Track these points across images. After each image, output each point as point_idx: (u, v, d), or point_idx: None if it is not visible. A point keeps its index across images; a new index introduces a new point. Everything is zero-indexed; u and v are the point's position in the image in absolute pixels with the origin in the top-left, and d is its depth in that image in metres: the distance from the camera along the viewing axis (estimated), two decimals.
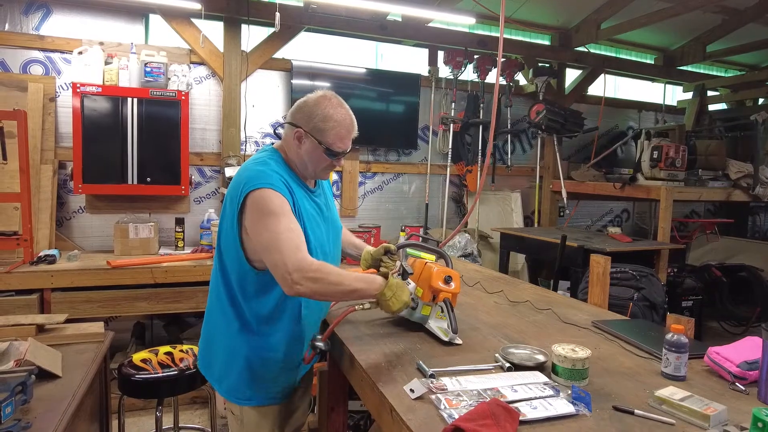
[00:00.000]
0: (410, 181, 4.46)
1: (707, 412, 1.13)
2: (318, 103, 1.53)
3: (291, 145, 1.55)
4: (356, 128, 1.59)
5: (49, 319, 2.01)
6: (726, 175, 4.45)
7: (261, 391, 1.55)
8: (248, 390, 1.53)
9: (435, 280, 1.63)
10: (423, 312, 1.68)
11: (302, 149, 1.53)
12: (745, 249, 5.14)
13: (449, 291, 1.63)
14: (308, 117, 1.51)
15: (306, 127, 1.51)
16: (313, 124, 1.51)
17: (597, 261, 2.35)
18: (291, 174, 1.55)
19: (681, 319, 1.72)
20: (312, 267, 1.36)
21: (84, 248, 3.48)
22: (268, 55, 3.81)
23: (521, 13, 4.34)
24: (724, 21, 4.62)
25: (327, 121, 1.51)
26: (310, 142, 1.52)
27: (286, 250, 1.35)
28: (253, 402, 1.55)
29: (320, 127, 1.50)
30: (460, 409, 1.16)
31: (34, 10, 3.36)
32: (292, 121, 1.54)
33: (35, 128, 3.22)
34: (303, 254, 1.38)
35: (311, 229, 1.52)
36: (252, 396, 1.54)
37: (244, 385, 1.53)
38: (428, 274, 1.66)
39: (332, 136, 1.52)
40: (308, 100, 1.55)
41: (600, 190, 4.44)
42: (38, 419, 1.39)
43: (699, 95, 5.58)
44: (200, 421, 3.03)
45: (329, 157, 1.54)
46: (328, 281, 1.38)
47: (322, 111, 1.51)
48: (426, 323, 1.69)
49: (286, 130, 1.57)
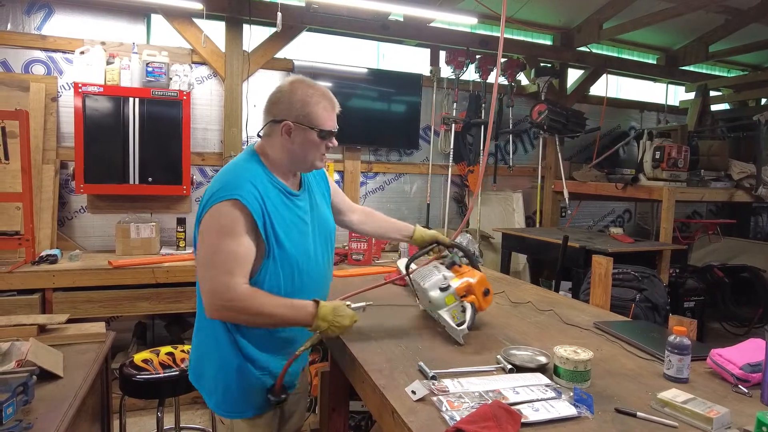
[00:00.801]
0: (412, 182, 4.46)
1: (710, 414, 1.12)
2: (293, 89, 1.47)
3: (276, 144, 1.48)
4: (337, 102, 1.53)
5: (51, 319, 2.01)
6: (728, 175, 4.44)
7: (249, 403, 1.49)
8: (237, 404, 1.48)
9: (479, 285, 1.66)
10: (447, 300, 1.65)
11: (294, 142, 1.46)
12: (747, 250, 5.12)
13: (480, 301, 1.66)
14: (289, 106, 1.45)
15: (291, 117, 1.45)
16: (297, 111, 1.44)
17: (599, 262, 2.35)
18: (271, 178, 1.47)
19: (683, 321, 1.71)
20: (235, 295, 1.33)
21: (85, 248, 3.48)
22: (270, 55, 3.81)
23: (523, 13, 4.33)
24: (727, 21, 4.61)
25: (309, 102, 1.45)
26: (300, 130, 1.45)
27: (216, 272, 1.33)
28: (242, 415, 1.49)
29: (305, 111, 1.44)
30: (461, 410, 1.15)
31: (36, 9, 3.36)
32: (274, 117, 1.47)
33: (37, 128, 3.22)
34: (234, 279, 1.33)
35: (288, 238, 1.44)
36: (243, 409, 1.49)
37: (232, 398, 1.48)
38: (477, 277, 1.69)
39: (321, 115, 1.46)
40: (282, 90, 1.48)
41: (602, 190, 4.43)
42: (40, 420, 1.38)
43: (701, 95, 5.56)
44: (201, 422, 3.03)
45: (323, 139, 1.48)
46: (247, 311, 1.35)
47: (301, 95, 1.45)
48: (440, 309, 1.65)
49: (269, 129, 1.49)
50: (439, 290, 1.65)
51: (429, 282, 1.69)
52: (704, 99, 5.59)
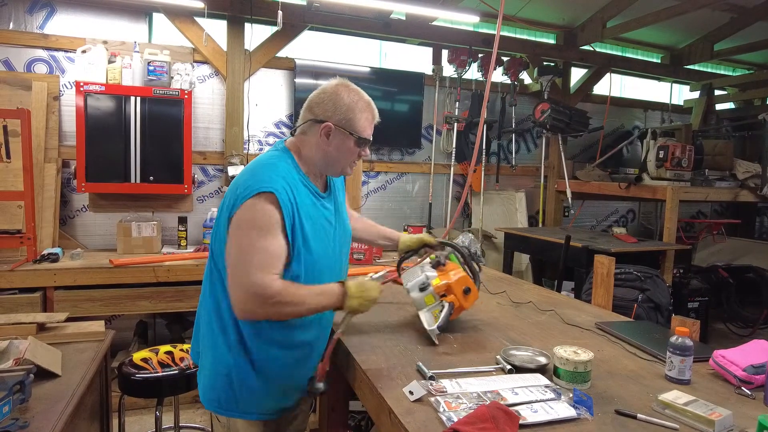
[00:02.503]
0: (414, 181, 4.45)
1: (712, 417, 1.11)
2: (338, 92, 1.44)
3: (312, 144, 1.46)
4: (377, 113, 1.53)
5: (50, 317, 2.01)
6: (733, 175, 4.41)
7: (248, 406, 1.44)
8: (233, 403, 1.43)
9: (458, 285, 1.66)
10: (426, 300, 1.67)
11: (331, 145, 1.44)
12: (752, 250, 5.08)
13: (460, 301, 1.65)
14: (333, 109, 1.43)
15: (333, 120, 1.42)
16: (340, 115, 1.43)
17: (601, 262, 2.33)
18: (302, 177, 1.45)
19: (686, 322, 1.69)
20: (273, 292, 1.29)
21: (87, 247, 3.49)
22: (272, 53, 3.80)
23: (526, 11, 4.31)
24: (732, 19, 4.58)
25: (354, 109, 1.44)
26: (340, 134, 1.43)
27: (253, 269, 1.29)
28: (240, 415, 1.45)
29: (348, 116, 1.43)
30: (459, 411, 1.14)
31: (39, 8, 3.36)
32: (316, 117, 1.44)
33: (39, 127, 3.23)
34: (270, 276, 1.30)
35: (316, 238, 1.42)
36: (245, 410, 1.44)
37: (228, 397, 1.43)
38: (458, 276, 1.68)
39: (362, 123, 1.46)
40: (326, 91, 1.46)
41: (605, 190, 4.40)
42: (36, 418, 1.38)
43: (706, 94, 5.53)
44: (201, 421, 3.03)
45: (359, 147, 1.48)
46: (286, 305, 1.32)
47: (347, 100, 1.44)
48: (420, 310, 1.68)
49: (307, 128, 1.46)
50: (418, 290, 1.67)
51: (411, 283, 1.71)
52: (709, 98, 5.55)
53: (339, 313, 1.48)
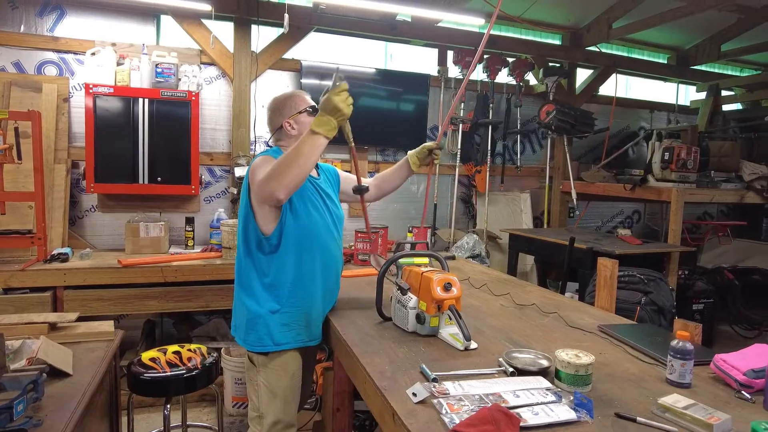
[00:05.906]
0: (419, 182, 4.46)
1: (710, 421, 1.12)
2: (273, 103, 1.98)
3: (290, 138, 1.92)
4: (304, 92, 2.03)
5: (62, 317, 2.05)
6: (739, 176, 4.39)
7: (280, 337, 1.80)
8: (268, 337, 1.79)
9: (435, 291, 1.61)
10: (432, 324, 1.67)
11: (297, 128, 1.91)
12: (758, 252, 5.06)
13: (452, 297, 1.62)
14: (280, 112, 1.94)
15: (287, 117, 1.92)
16: (285, 111, 1.93)
17: (604, 264, 2.33)
18: None
19: (688, 325, 1.70)
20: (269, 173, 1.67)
21: (96, 246, 3.53)
22: (278, 55, 3.83)
23: (531, 12, 4.32)
24: (739, 20, 4.55)
25: (287, 102, 1.94)
26: (296, 119, 1.92)
27: (265, 176, 1.68)
28: (278, 347, 1.80)
29: (289, 106, 1.93)
30: (461, 413, 1.16)
31: (49, 11, 3.41)
32: (275, 126, 1.95)
33: (49, 128, 3.28)
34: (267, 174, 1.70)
35: (312, 205, 1.85)
36: (280, 341, 1.79)
37: (265, 333, 1.79)
38: (427, 284, 1.64)
39: (299, 101, 1.95)
40: (269, 109, 1.98)
41: (610, 191, 4.40)
42: (49, 416, 1.42)
43: (713, 95, 5.50)
44: (208, 419, 3.07)
45: (314, 114, 1.82)
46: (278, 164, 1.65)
47: (281, 101, 1.95)
48: (438, 334, 1.68)
49: (279, 134, 1.97)
50: (417, 324, 1.69)
51: (403, 321, 1.73)
52: (716, 99, 5.52)
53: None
